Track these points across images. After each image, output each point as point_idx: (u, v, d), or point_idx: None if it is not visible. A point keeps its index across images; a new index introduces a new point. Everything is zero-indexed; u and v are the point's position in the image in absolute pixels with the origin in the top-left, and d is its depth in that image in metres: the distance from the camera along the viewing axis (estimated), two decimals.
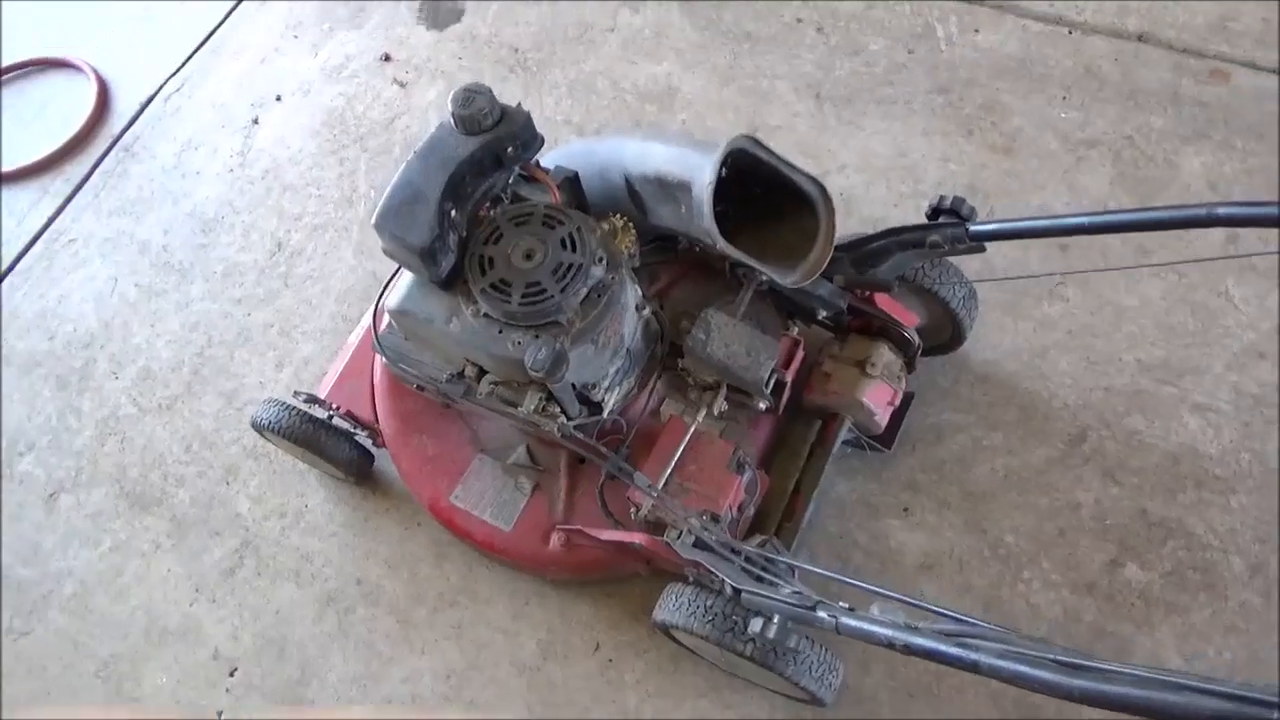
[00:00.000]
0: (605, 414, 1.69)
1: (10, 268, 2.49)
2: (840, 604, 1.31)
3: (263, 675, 1.94)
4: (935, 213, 1.60)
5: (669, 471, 1.68)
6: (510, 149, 1.62)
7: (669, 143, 1.70)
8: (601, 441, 1.72)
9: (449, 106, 1.59)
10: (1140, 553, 1.82)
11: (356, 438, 2.00)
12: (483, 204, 1.65)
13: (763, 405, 1.74)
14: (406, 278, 1.65)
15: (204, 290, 2.39)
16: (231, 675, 1.95)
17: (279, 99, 2.62)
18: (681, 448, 1.70)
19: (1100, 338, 2.02)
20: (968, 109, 2.32)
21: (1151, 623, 1.76)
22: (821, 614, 1.29)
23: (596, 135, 2.37)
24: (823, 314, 1.80)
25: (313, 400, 1.91)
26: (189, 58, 2.73)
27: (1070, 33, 2.41)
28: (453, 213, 1.57)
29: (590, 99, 2.49)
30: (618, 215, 1.71)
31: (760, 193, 1.65)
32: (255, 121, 2.60)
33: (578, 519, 1.83)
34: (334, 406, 1.91)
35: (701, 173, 1.56)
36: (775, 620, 1.37)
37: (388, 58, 2.63)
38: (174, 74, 2.71)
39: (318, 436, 1.91)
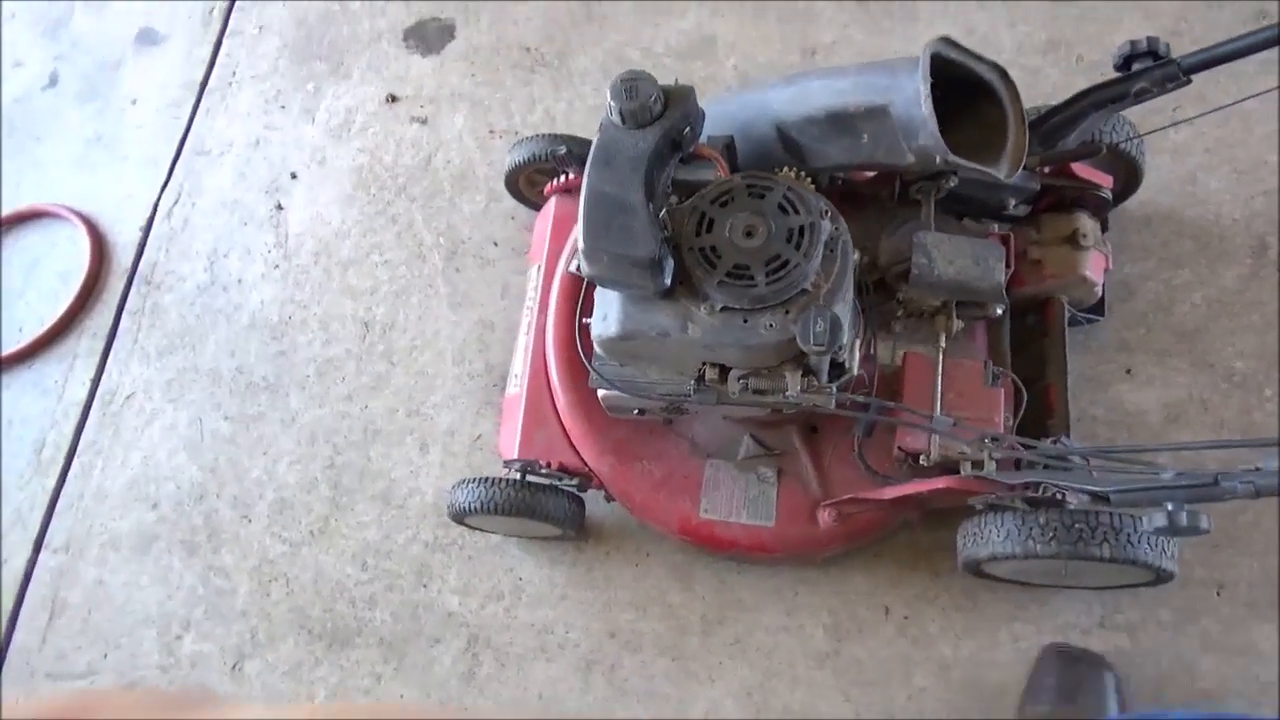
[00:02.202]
0: (854, 371, 1.59)
1: (73, 448, 2.22)
2: (1240, 468, 1.25)
3: None
4: (1127, 61, 1.54)
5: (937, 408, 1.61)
6: (686, 130, 1.50)
7: (832, 76, 1.59)
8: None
9: (610, 103, 1.46)
10: None
11: (560, 488, 1.85)
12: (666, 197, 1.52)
13: (999, 310, 1.68)
14: (613, 300, 1.51)
15: (304, 399, 2.17)
16: None
17: (295, 176, 2.39)
18: (940, 380, 1.63)
19: (1237, 146, 2.01)
20: None
21: None
22: (1231, 484, 1.24)
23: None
24: (1013, 203, 1.74)
25: (527, 468, 1.75)
26: (172, 167, 2.46)
27: None
28: (661, 214, 1.44)
29: None
30: (784, 168, 1.61)
31: (939, 95, 1.57)
32: (279, 207, 2.36)
33: (839, 489, 1.73)
34: (545, 465, 1.76)
35: (900, 91, 1.47)
36: (1173, 508, 1.30)
37: (393, 98, 2.42)
38: (164, 187, 2.43)
39: (536, 500, 1.75)
